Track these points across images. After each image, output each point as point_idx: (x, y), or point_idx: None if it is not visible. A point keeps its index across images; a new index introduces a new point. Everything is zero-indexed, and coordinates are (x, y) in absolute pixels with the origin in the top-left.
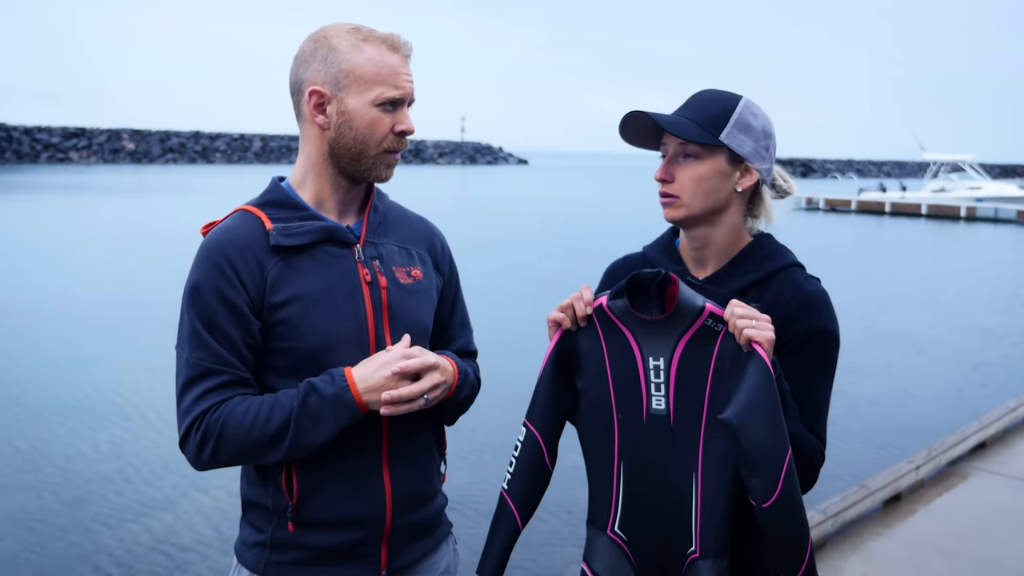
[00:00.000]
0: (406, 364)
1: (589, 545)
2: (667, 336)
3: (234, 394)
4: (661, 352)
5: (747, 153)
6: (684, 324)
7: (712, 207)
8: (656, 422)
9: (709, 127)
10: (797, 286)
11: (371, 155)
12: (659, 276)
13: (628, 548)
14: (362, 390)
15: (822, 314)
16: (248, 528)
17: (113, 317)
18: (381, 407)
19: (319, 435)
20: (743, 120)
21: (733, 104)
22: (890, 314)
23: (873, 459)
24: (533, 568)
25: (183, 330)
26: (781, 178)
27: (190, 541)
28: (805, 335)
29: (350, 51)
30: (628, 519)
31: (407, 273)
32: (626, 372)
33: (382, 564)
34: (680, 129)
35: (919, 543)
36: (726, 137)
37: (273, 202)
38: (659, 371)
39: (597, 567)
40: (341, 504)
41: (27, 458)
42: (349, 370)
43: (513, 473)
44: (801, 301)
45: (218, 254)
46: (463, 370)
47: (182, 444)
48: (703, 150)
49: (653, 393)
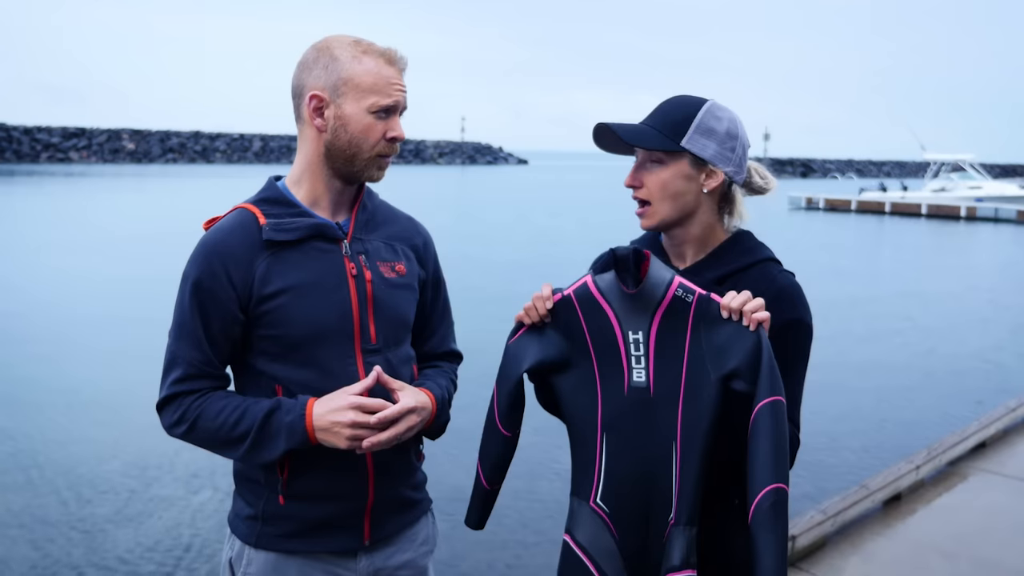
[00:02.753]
0: (364, 419)
1: (572, 516)
2: (644, 310)
3: (205, 386)
4: (640, 326)
5: (710, 156)
6: (657, 297)
7: (681, 210)
8: (637, 394)
9: (671, 133)
10: (772, 279)
11: (364, 158)
12: (635, 252)
13: (610, 520)
14: (315, 426)
15: (796, 305)
16: (241, 501)
17: (113, 316)
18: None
19: (271, 452)
20: (705, 125)
21: (695, 109)
22: (890, 314)
23: (873, 459)
24: (517, 537)
25: (175, 316)
26: (758, 175)
27: (190, 541)
28: (780, 326)
29: (350, 61)
30: (610, 490)
31: (391, 268)
32: (608, 347)
33: (365, 535)
34: (640, 139)
35: (919, 543)
36: (687, 142)
37: (268, 199)
38: (639, 344)
39: (580, 538)
40: (328, 479)
41: (27, 458)
42: (312, 402)
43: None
44: (775, 293)
45: (212, 254)
46: (440, 398)
47: (159, 409)
48: (666, 156)
49: (634, 366)
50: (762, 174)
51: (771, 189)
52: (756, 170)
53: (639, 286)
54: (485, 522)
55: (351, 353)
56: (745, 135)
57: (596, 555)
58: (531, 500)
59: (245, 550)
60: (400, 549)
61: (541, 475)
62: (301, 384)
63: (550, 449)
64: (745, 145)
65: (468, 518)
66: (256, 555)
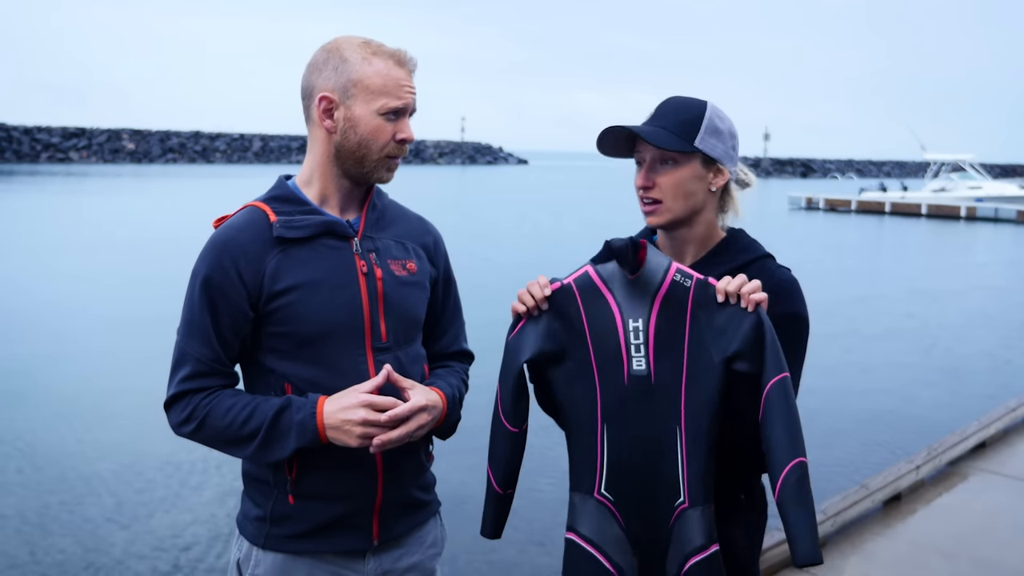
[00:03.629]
0: (375, 418)
1: (574, 511)
2: (643, 297)
3: (214, 384)
4: (639, 313)
5: (719, 155)
6: (655, 283)
7: (692, 208)
8: (638, 382)
9: (683, 134)
10: (770, 274)
11: (373, 159)
12: (631, 242)
13: (616, 508)
14: (325, 425)
15: (794, 299)
16: (249, 502)
17: (113, 316)
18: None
19: (282, 450)
20: (712, 125)
21: (702, 111)
22: (890, 314)
23: (873, 459)
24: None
25: (184, 313)
26: (742, 172)
27: (190, 540)
28: (779, 319)
29: (360, 63)
30: (614, 480)
31: (402, 266)
32: (607, 337)
33: (373, 535)
34: (659, 139)
35: (919, 543)
36: (700, 143)
37: (278, 197)
38: (639, 332)
39: (584, 530)
40: (337, 479)
41: (26, 458)
42: (323, 400)
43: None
44: (773, 288)
45: (223, 250)
46: (451, 397)
47: (166, 407)
48: (680, 156)
49: (633, 355)
50: (744, 171)
51: (752, 185)
52: (741, 168)
53: (638, 272)
54: (501, 531)
55: (361, 351)
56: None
57: (604, 545)
58: (532, 499)
59: (253, 551)
60: (408, 551)
61: (543, 472)
62: (310, 382)
63: (553, 446)
64: (738, 145)
65: (483, 528)
66: (264, 556)
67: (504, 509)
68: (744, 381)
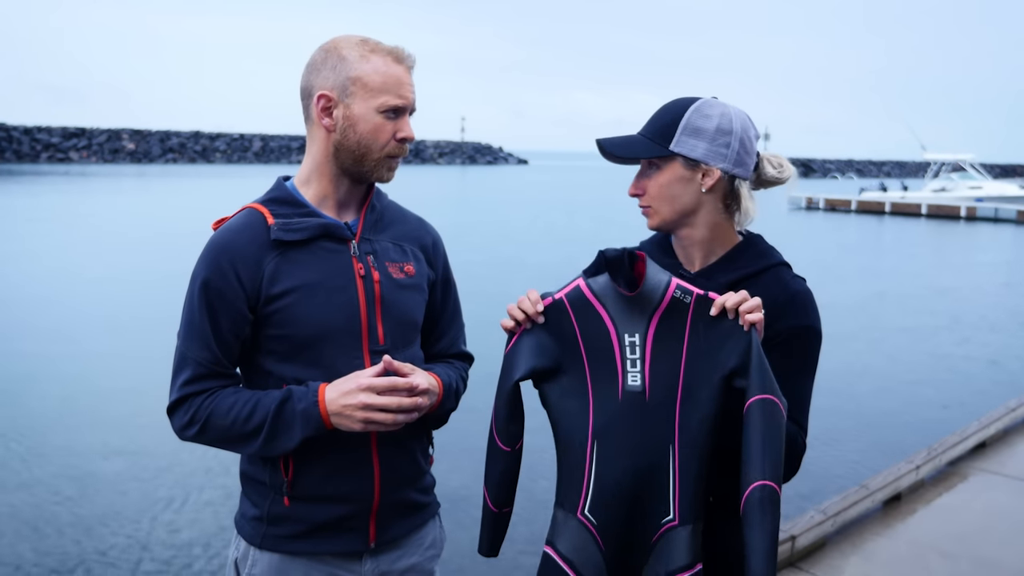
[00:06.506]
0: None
1: (556, 526)
2: (641, 312)
3: (215, 385)
4: (636, 328)
5: (700, 155)
6: (655, 299)
7: (681, 210)
8: (632, 398)
9: (659, 139)
10: (784, 284)
11: (373, 158)
12: (627, 253)
13: (597, 532)
14: (329, 411)
15: (808, 312)
16: (247, 502)
17: (113, 316)
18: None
19: (289, 441)
20: (692, 125)
21: (682, 112)
22: (890, 314)
23: (873, 459)
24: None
25: (183, 317)
26: (771, 165)
27: (190, 539)
28: (791, 331)
29: (358, 61)
30: (599, 501)
31: (400, 268)
32: (601, 351)
33: (370, 537)
34: (629, 150)
35: (919, 543)
36: (676, 145)
37: (276, 199)
38: (635, 347)
39: (563, 548)
40: (333, 481)
41: (25, 458)
42: (324, 387)
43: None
44: (788, 299)
45: (221, 253)
46: (447, 384)
47: (169, 413)
48: (660, 160)
49: (629, 370)
50: (776, 163)
51: (787, 178)
52: (769, 160)
53: (637, 290)
54: (498, 549)
55: (359, 354)
56: (746, 128)
57: (580, 566)
58: (534, 500)
59: (250, 551)
60: (406, 553)
61: (546, 474)
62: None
63: (548, 450)
64: (745, 139)
65: (480, 546)
66: (261, 556)
67: (500, 527)
68: (743, 395)
